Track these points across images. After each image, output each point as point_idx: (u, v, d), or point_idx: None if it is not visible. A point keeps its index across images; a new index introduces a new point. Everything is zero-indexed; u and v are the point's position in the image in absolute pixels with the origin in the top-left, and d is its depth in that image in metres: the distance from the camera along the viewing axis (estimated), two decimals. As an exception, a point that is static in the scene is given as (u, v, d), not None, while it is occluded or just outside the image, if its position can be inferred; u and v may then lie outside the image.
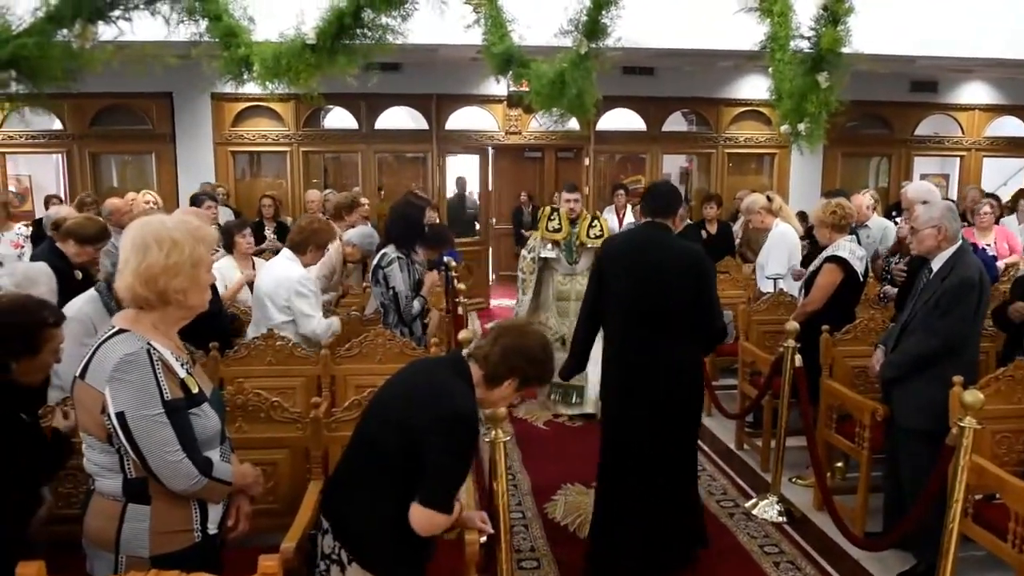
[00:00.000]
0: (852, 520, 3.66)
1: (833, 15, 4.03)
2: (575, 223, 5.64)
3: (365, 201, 6.95)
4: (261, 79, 3.91)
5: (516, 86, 5.23)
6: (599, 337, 3.55)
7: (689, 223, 6.91)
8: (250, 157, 9.60)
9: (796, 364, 3.88)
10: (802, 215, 6.86)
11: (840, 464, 4.31)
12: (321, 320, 3.94)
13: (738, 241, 7.52)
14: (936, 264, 3.43)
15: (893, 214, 6.72)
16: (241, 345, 3.84)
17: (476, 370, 2.14)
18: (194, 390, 1.92)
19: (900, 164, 10.07)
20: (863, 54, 4.21)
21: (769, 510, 4.05)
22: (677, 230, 6.53)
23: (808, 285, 4.39)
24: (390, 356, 3.73)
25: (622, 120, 9.62)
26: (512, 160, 11.96)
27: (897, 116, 9.88)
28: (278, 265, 4.05)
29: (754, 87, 9.23)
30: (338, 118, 9.47)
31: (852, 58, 4.17)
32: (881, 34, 6.09)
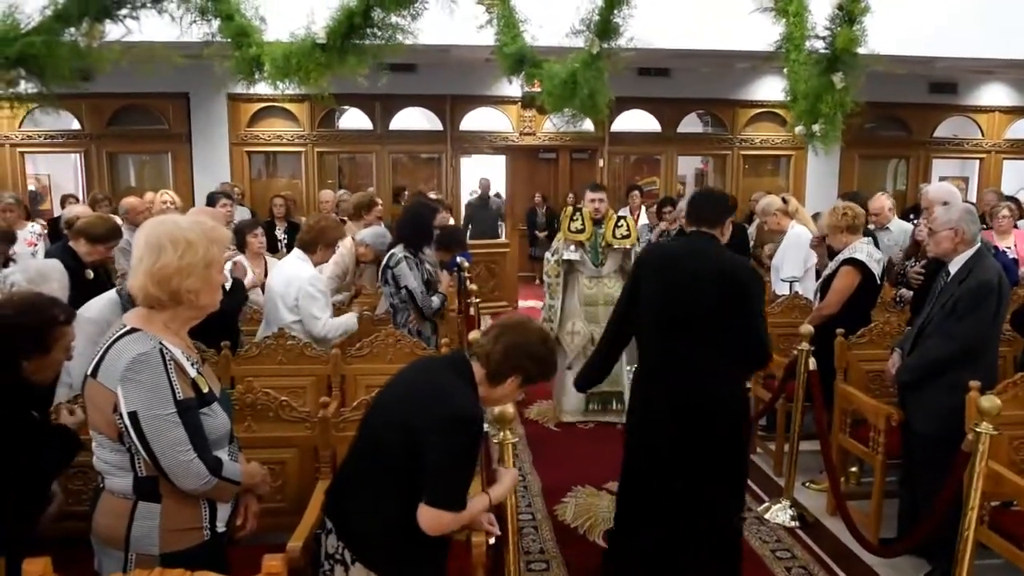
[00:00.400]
0: (866, 526, 3.62)
1: (849, 15, 3.97)
2: (600, 223, 5.42)
3: (379, 201, 6.98)
4: (272, 79, 3.93)
5: (529, 87, 5.20)
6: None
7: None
8: (265, 157, 9.67)
9: (810, 367, 3.84)
10: (818, 217, 6.80)
11: (854, 469, 4.26)
12: (327, 322, 3.94)
13: (752, 243, 7.46)
14: (954, 267, 3.38)
15: (911, 216, 6.65)
16: (252, 344, 3.85)
17: (478, 368, 2.13)
18: (204, 390, 1.92)
19: (918, 166, 9.96)
20: (880, 55, 4.14)
21: (782, 515, 4.01)
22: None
23: (824, 288, 4.34)
24: (400, 356, 3.73)
25: (637, 121, 9.60)
26: (526, 161, 11.96)
27: (916, 118, 9.78)
28: (289, 265, 4.06)
29: (770, 88, 9.17)
30: (353, 119, 9.51)
31: (868, 59, 4.11)
32: (900, 35, 6.03)
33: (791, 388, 4.07)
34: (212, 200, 6.39)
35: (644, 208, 8.35)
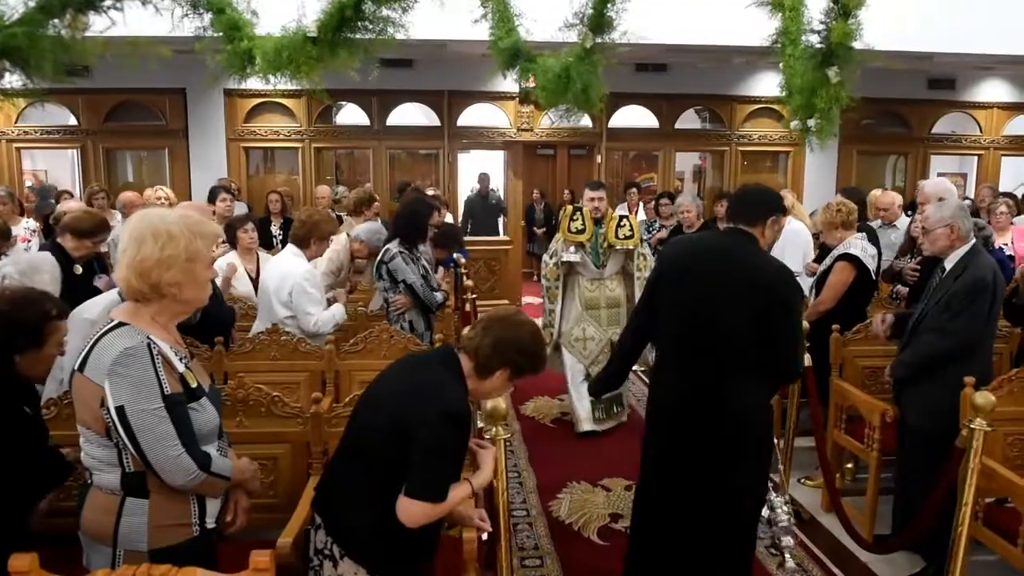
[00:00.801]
0: (861, 522, 3.62)
1: (844, 8, 3.96)
2: (600, 223, 5.15)
3: (377, 197, 6.97)
4: (263, 72, 3.91)
5: (524, 82, 5.16)
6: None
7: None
8: (263, 153, 9.64)
9: (806, 364, 3.83)
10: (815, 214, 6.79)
11: (849, 465, 4.25)
12: (321, 316, 3.93)
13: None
14: (949, 263, 3.38)
15: (909, 212, 6.64)
16: (245, 339, 3.84)
17: (467, 362, 2.11)
18: (193, 384, 1.91)
19: (917, 163, 9.93)
20: (877, 50, 4.13)
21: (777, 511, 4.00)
22: (694, 229, 6.46)
23: (820, 284, 4.34)
24: (395, 352, 3.71)
25: (635, 117, 9.56)
26: (524, 157, 11.93)
27: (914, 114, 9.75)
28: (283, 260, 4.05)
29: (768, 84, 9.12)
30: (350, 114, 9.48)
31: (865, 54, 4.10)
32: (898, 31, 6.00)
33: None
34: (213, 195, 6.38)
35: (642, 204, 8.34)
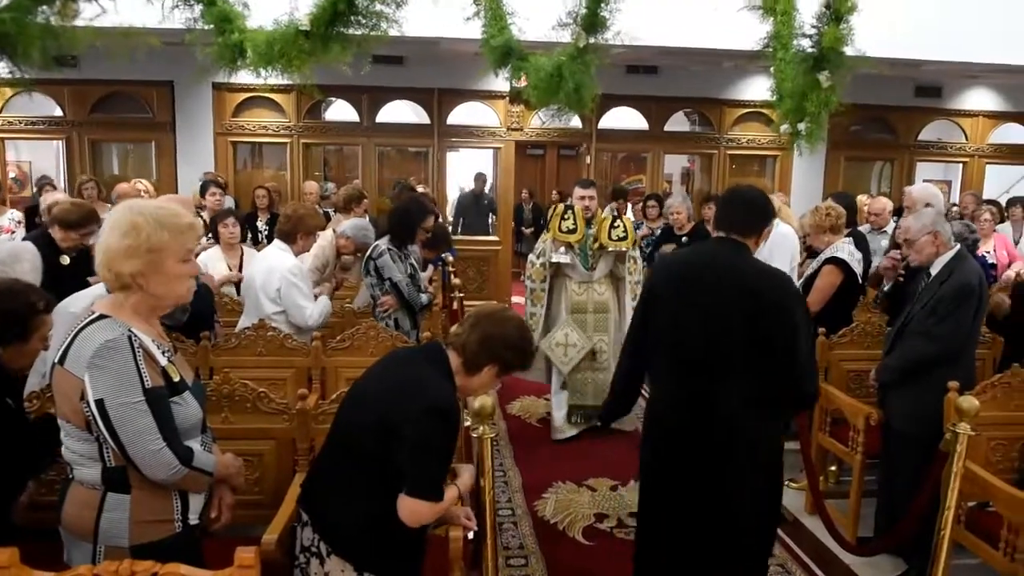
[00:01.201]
0: (844, 525, 3.64)
1: (836, 13, 3.98)
2: (590, 223, 4.93)
3: (367, 194, 6.94)
4: (254, 66, 3.87)
5: (516, 81, 5.14)
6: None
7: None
8: (251, 148, 9.57)
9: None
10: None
11: (833, 468, 4.28)
12: (313, 310, 3.93)
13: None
14: (935, 269, 3.41)
15: (895, 218, 6.69)
16: (231, 335, 3.81)
17: (455, 358, 2.11)
18: (175, 378, 1.89)
19: (903, 169, 10.01)
20: (867, 56, 4.15)
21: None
22: (684, 231, 6.41)
23: (807, 287, 4.36)
24: (381, 349, 3.70)
25: (625, 119, 9.58)
26: (513, 157, 11.90)
27: (901, 121, 9.83)
28: (269, 255, 4.03)
29: (757, 88, 9.16)
30: (339, 110, 9.43)
31: (856, 60, 4.12)
32: (889, 37, 6.03)
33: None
34: (204, 189, 6.35)
35: (631, 206, 8.36)
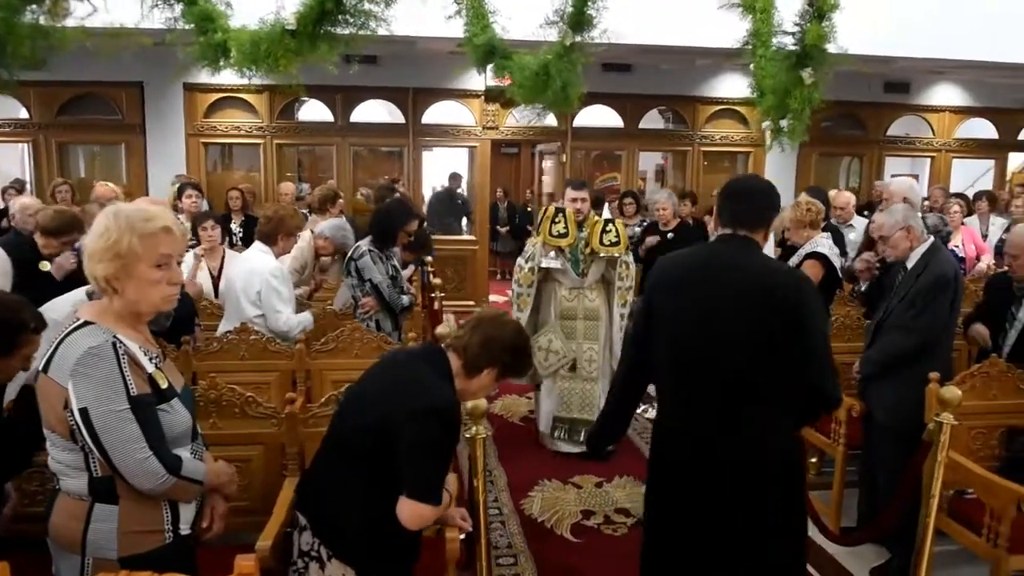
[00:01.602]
0: (827, 515, 3.68)
1: (819, 11, 4.02)
2: (582, 226, 4.71)
3: (341, 195, 6.89)
4: (239, 66, 3.81)
5: (499, 80, 5.11)
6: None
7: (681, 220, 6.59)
8: (223, 149, 9.45)
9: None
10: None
11: (815, 460, 4.33)
12: (291, 317, 3.87)
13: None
14: (910, 262, 3.47)
15: (865, 213, 6.80)
16: (213, 339, 3.76)
17: (455, 360, 2.13)
18: (163, 385, 1.85)
19: (872, 164, 10.18)
20: (849, 54, 4.21)
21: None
22: (669, 227, 6.44)
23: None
24: (367, 350, 3.68)
25: (599, 117, 9.61)
26: (489, 156, 11.89)
27: (871, 117, 9.99)
28: (250, 257, 3.98)
29: (730, 86, 9.28)
30: (313, 110, 9.35)
31: (838, 58, 4.17)
32: (861, 33, 6.13)
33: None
34: (180, 191, 6.25)
35: (607, 204, 8.38)
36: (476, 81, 8.70)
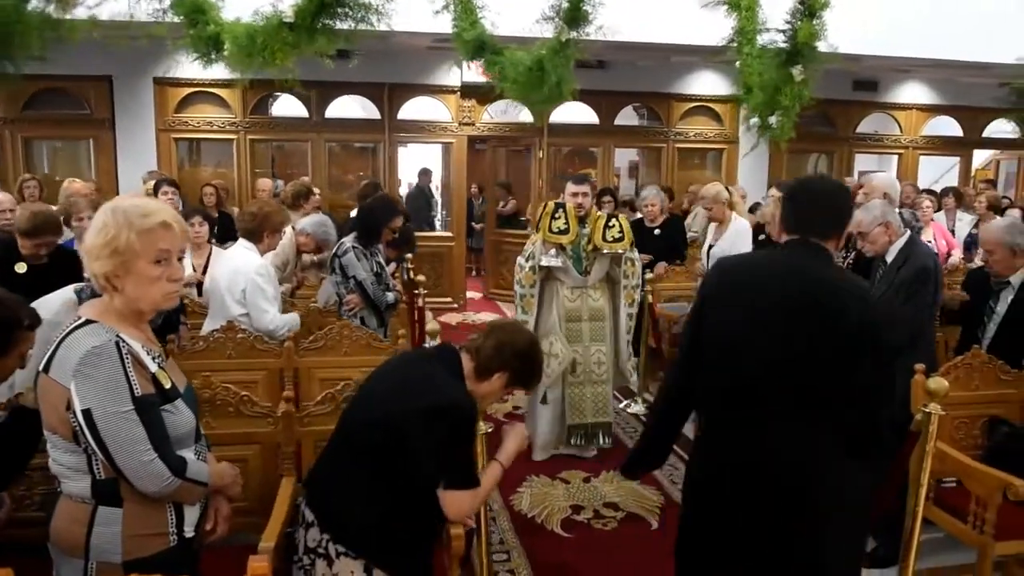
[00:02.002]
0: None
1: (810, 9, 4.08)
2: (584, 222, 4.51)
3: (317, 191, 6.82)
4: (233, 59, 3.74)
5: (491, 76, 5.06)
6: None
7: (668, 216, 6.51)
8: (194, 144, 9.28)
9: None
10: (756, 208, 6.99)
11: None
12: (276, 316, 3.80)
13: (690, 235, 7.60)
14: (889, 256, 3.55)
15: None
16: (199, 338, 3.69)
17: (468, 361, 2.17)
18: (166, 385, 1.81)
19: (842, 161, 10.38)
20: (839, 53, 4.28)
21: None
22: (656, 223, 6.42)
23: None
24: (357, 348, 3.65)
25: (574, 114, 9.64)
26: (464, 151, 11.82)
27: (840, 114, 10.18)
28: (235, 255, 3.91)
29: (705, 83, 9.38)
30: (287, 106, 9.23)
31: (827, 56, 4.24)
32: (834, 31, 6.23)
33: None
34: (157, 188, 6.13)
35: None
36: (452, 77, 8.67)
